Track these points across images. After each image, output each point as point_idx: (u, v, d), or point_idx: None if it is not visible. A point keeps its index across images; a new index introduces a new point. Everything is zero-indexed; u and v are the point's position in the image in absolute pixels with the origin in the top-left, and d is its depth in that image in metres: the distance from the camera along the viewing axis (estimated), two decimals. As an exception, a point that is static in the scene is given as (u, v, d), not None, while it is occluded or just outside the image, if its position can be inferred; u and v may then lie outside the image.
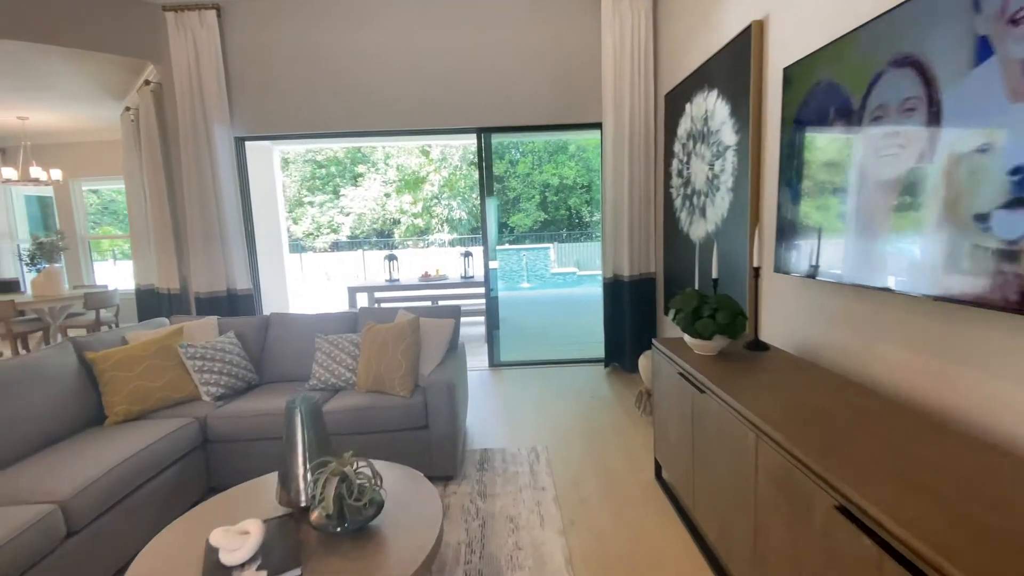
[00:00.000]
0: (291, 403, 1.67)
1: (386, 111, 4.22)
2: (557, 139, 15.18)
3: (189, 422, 2.46)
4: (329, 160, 16.84)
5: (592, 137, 12.74)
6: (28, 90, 4.64)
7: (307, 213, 16.88)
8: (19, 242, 6.96)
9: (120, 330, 2.85)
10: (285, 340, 3.08)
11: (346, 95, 4.20)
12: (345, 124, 4.24)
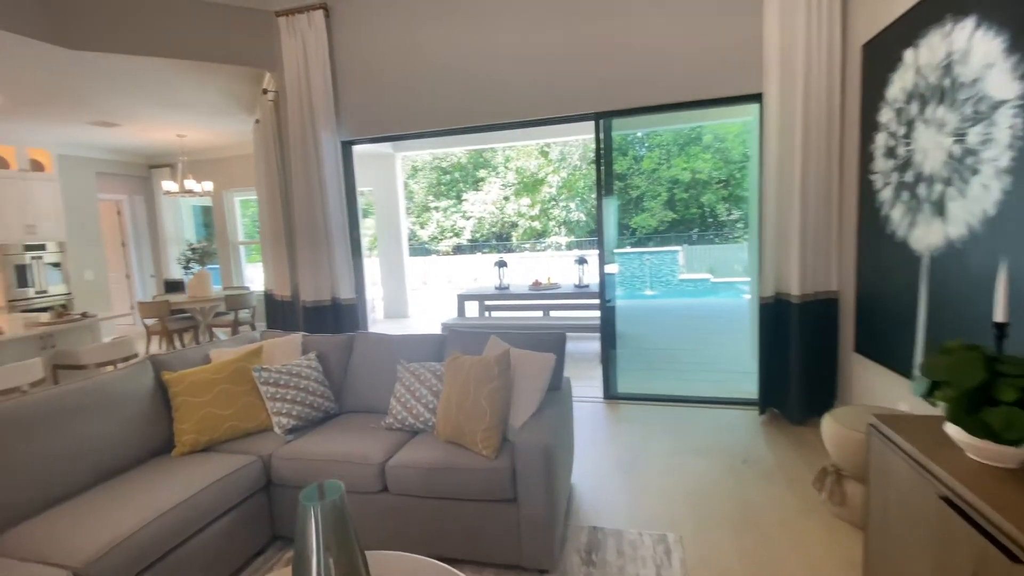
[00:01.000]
0: (305, 500, 1.15)
1: (496, 102, 3.72)
2: (691, 129, 13.66)
3: (252, 461, 2.16)
4: (453, 166, 17.30)
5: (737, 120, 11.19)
6: (175, 107, 5.04)
7: (433, 218, 17.55)
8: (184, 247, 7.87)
9: (205, 346, 2.71)
10: (368, 364, 2.70)
11: (455, 88, 3.79)
12: (455, 119, 3.84)
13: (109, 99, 4.61)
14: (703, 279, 10.89)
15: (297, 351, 2.77)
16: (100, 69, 3.83)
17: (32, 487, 1.77)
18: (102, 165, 6.93)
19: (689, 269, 11.74)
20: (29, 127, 5.39)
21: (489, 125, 3.84)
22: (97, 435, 2.02)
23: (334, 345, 2.81)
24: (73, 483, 1.89)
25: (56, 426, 1.91)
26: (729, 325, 6.73)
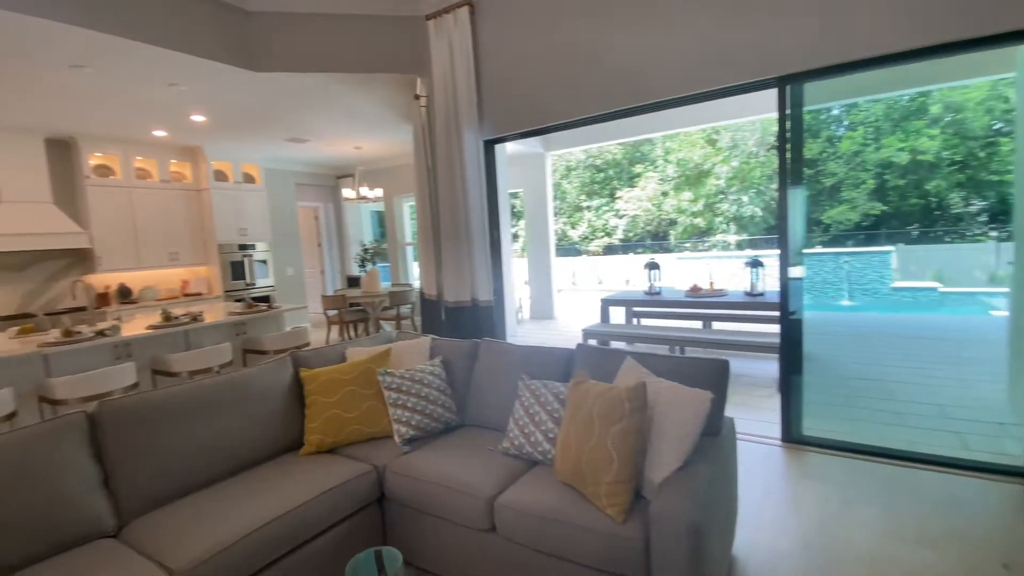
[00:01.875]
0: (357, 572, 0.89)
1: (652, 78, 3.20)
2: (910, 98, 10.90)
3: (366, 471, 2.07)
4: (607, 163, 16.71)
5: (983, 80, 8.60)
6: (348, 121, 5.56)
7: (584, 217, 17.21)
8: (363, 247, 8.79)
9: (344, 344, 2.76)
10: (492, 375, 2.47)
11: (604, 69, 3.37)
12: (605, 103, 3.41)
13: (297, 117, 5.27)
14: (928, 288, 8.45)
15: (424, 355, 2.67)
16: (283, 89, 4.34)
17: (173, 474, 1.90)
18: (299, 177, 8.13)
19: (906, 275, 9.25)
20: (241, 145, 6.51)
21: (645, 106, 3.32)
22: (236, 428, 2.13)
23: (460, 351, 2.64)
24: (208, 473, 1.99)
25: (203, 416, 2.04)
26: (971, 352, 5.02)
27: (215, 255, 6.54)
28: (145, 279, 6.24)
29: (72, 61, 3.44)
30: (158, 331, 3.75)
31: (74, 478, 1.68)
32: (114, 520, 1.74)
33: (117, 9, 3.15)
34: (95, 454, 1.78)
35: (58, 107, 4.43)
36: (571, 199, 17.40)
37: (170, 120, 5.09)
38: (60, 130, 5.22)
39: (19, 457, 1.59)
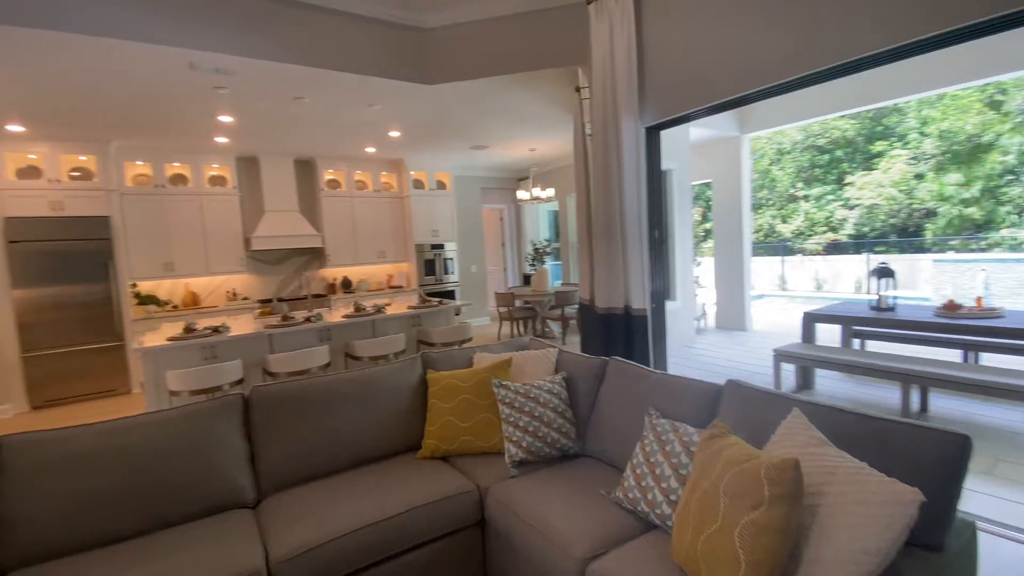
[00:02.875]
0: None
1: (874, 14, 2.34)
2: None
3: (468, 490, 1.95)
4: (834, 142, 13.73)
5: None
6: (519, 124, 5.62)
7: (799, 209, 14.51)
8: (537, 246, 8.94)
9: (474, 348, 2.71)
10: (618, 402, 2.10)
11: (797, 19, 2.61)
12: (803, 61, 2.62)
13: (474, 124, 5.55)
14: None
15: (549, 368, 2.45)
16: (456, 99, 4.57)
17: (303, 459, 2.07)
18: (485, 181, 8.67)
19: None
20: (434, 156, 7.19)
21: (861, 60, 2.44)
22: (363, 422, 2.23)
23: (586, 369, 2.33)
24: (332, 463, 2.13)
25: (334, 408, 2.20)
26: None
27: (413, 253, 7.42)
28: (361, 273, 7.44)
29: (295, 94, 4.19)
30: (350, 319, 4.33)
31: (228, 452, 1.95)
32: (254, 494, 1.98)
33: (322, 46, 3.70)
34: (246, 432, 2.05)
35: (298, 134, 5.52)
36: (782, 188, 14.88)
37: (375, 138, 5.90)
38: (304, 152, 6.54)
39: (190, 428, 1.91)
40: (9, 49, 3.04)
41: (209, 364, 3.64)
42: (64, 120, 4.48)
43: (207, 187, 6.13)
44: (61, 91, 3.78)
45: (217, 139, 5.51)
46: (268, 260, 6.73)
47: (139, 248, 5.74)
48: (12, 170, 4.92)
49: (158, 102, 4.17)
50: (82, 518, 1.66)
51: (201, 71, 3.53)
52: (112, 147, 5.38)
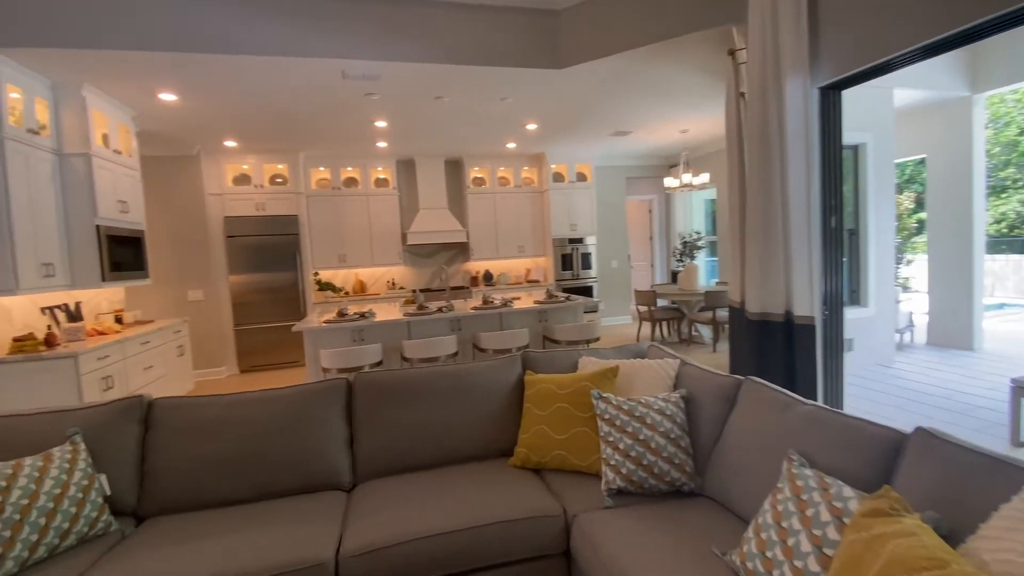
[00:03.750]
0: None
1: None
2: None
3: (554, 514, 1.71)
4: None
5: None
6: (667, 101, 5.05)
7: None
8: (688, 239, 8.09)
9: (577, 351, 2.43)
10: (752, 434, 1.64)
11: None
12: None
13: (613, 108, 5.17)
14: None
15: (666, 383, 2.06)
16: (590, 81, 4.27)
17: (396, 450, 2.06)
18: (630, 171, 8.13)
19: None
20: (575, 147, 6.94)
21: None
22: (457, 419, 2.14)
23: (713, 389, 1.89)
24: (422, 457, 2.08)
25: (430, 402, 2.15)
26: None
27: (550, 248, 7.32)
28: (502, 267, 7.61)
29: (435, 94, 4.36)
30: (478, 312, 4.39)
31: (330, 434, 2.03)
32: (350, 478, 2.03)
33: (455, 41, 3.75)
34: (347, 417, 2.11)
35: (444, 134, 5.80)
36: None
37: (513, 132, 5.90)
38: (453, 152, 6.88)
39: (298, 408, 2.03)
40: (223, 78, 3.69)
41: (357, 346, 3.99)
42: (265, 135, 5.39)
43: (373, 188, 6.86)
44: (260, 111, 4.52)
45: (378, 144, 6.09)
46: (421, 253, 7.28)
47: (320, 242, 6.67)
48: (230, 178, 6.12)
49: (327, 114, 4.73)
50: (204, 479, 1.86)
51: (352, 79, 3.86)
52: (301, 156, 6.33)
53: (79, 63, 3.31)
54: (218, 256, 6.02)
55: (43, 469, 1.58)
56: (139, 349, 4.12)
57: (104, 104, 3.95)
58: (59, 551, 1.55)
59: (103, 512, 1.68)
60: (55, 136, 3.63)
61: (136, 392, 3.86)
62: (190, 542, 1.59)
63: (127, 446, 1.86)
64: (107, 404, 1.90)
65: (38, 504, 1.51)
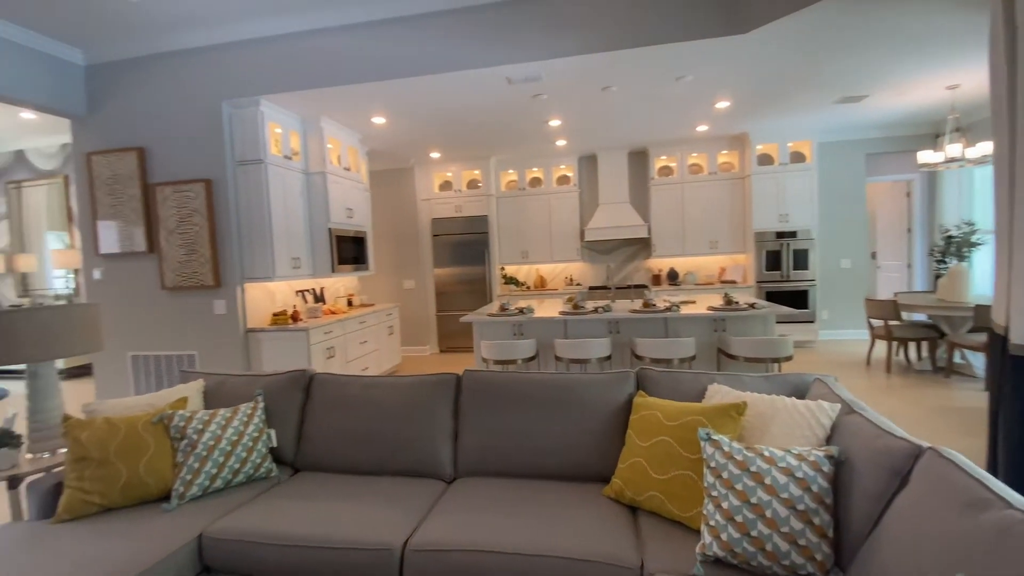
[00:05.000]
0: None
1: None
2: None
3: (624, 567, 1.47)
4: None
5: None
6: (904, 52, 3.77)
7: None
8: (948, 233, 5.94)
9: (710, 376, 2.00)
10: (921, 531, 1.08)
11: None
12: None
13: (832, 69, 4.11)
14: None
15: (814, 432, 1.54)
16: (786, 43, 3.47)
17: (493, 451, 2.05)
18: (872, 145, 6.37)
19: None
20: (786, 123, 5.76)
21: None
22: (557, 432, 2.02)
23: (878, 454, 1.32)
24: (516, 465, 2.02)
25: (531, 409, 2.07)
26: None
27: (751, 243, 6.32)
28: (689, 264, 6.92)
29: (601, 85, 4.17)
30: (638, 315, 4.07)
31: (437, 425, 2.14)
32: (451, 471, 2.11)
33: (615, 25, 3.51)
34: (454, 411, 2.20)
35: (621, 125, 5.53)
36: None
37: (702, 114, 5.24)
38: (636, 142, 6.51)
39: (416, 397, 2.19)
40: (410, 98, 4.26)
41: (512, 340, 4.15)
42: (459, 145, 6.01)
43: (554, 187, 7.01)
44: (448, 124, 5.07)
45: (558, 143, 6.17)
46: (600, 250, 7.14)
47: (506, 239, 7.15)
48: (436, 185, 7.02)
49: (503, 119, 5.00)
50: (340, 447, 2.17)
51: (516, 83, 3.98)
52: (492, 161, 6.87)
53: (317, 100, 4.21)
54: (426, 252, 7.00)
55: (229, 419, 2.07)
56: (357, 327, 5.09)
57: (337, 131, 4.96)
58: (232, 485, 2.02)
59: (267, 460, 2.12)
60: (304, 159, 4.73)
61: (351, 361, 4.77)
62: (315, 499, 1.88)
63: (292, 409, 2.30)
64: (283, 373, 2.38)
65: (220, 446, 1.99)
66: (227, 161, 4.13)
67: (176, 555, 1.64)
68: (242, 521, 1.75)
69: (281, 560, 1.65)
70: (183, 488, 1.89)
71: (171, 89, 4.15)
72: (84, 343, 2.23)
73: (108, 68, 4.25)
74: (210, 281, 4.15)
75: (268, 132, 4.19)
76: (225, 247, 4.15)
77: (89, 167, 4.31)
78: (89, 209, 4.35)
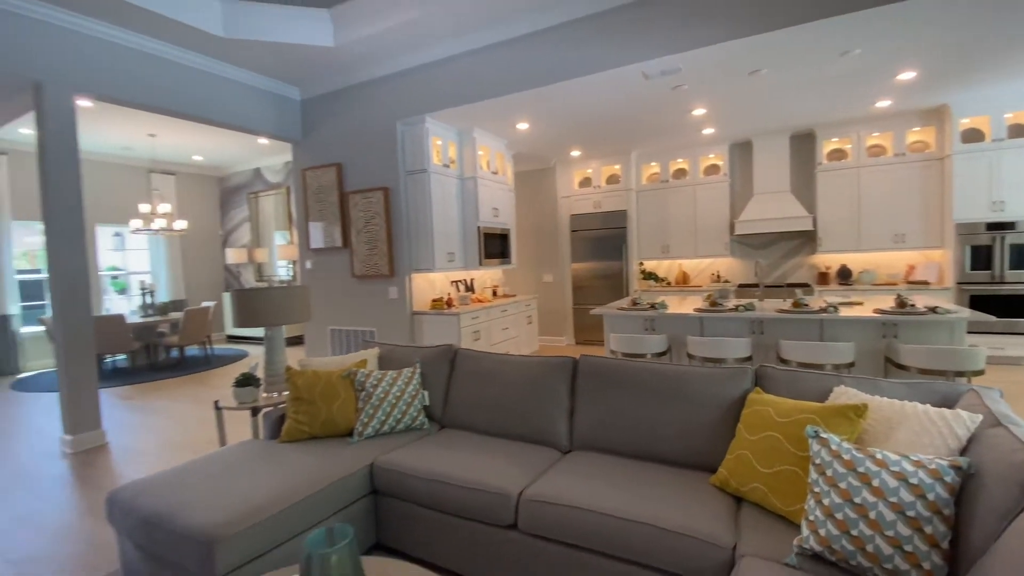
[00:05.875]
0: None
1: None
2: None
3: (716, 545, 1.55)
4: None
5: None
6: None
7: None
8: None
9: (848, 378, 1.88)
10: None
11: None
12: None
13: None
14: None
15: (945, 443, 1.41)
16: None
17: (604, 429, 2.23)
18: None
19: None
20: (1004, 90, 4.64)
21: None
22: (666, 420, 2.12)
23: (1011, 469, 1.20)
24: (624, 446, 2.17)
25: (642, 397, 2.20)
26: None
27: (951, 237, 5.28)
28: (865, 261, 6.04)
29: (748, 69, 3.95)
30: (786, 315, 3.80)
31: (556, 401, 2.40)
32: (567, 443, 2.35)
33: (758, 4, 3.33)
34: (571, 390, 2.43)
35: (779, 108, 5.08)
36: None
37: (880, 88, 4.56)
38: (800, 125, 5.88)
39: (538, 374, 2.48)
40: (549, 103, 4.57)
41: (641, 334, 4.21)
42: (598, 142, 6.16)
43: (701, 177, 6.70)
44: (585, 124, 5.26)
45: (705, 131, 5.91)
46: (753, 244, 6.62)
47: (645, 233, 7.07)
48: (576, 182, 7.25)
49: (642, 114, 5.01)
50: (475, 410, 2.57)
51: (652, 78, 4.00)
52: (632, 155, 6.86)
53: (470, 113, 4.77)
54: (564, 247, 7.30)
55: (395, 379, 2.61)
56: (499, 315, 5.61)
57: (487, 139, 5.51)
58: (395, 431, 2.54)
59: (421, 415, 2.61)
60: (459, 166, 5.37)
61: (494, 344, 5.30)
62: (454, 449, 2.29)
63: (441, 377, 2.78)
64: (436, 347, 2.88)
65: (387, 398, 2.53)
66: (400, 171, 4.93)
67: (355, 475, 2.18)
68: (401, 458, 2.23)
69: (426, 491, 2.08)
70: (361, 428, 2.46)
71: (359, 114, 5.10)
72: (300, 314, 3.00)
73: (316, 101, 5.39)
74: (386, 271, 5.02)
75: (431, 145, 4.88)
76: (398, 243, 4.97)
77: (303, 180, 5.53)
78: (303, 213, 5.58)
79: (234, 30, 4.12)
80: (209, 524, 1.70)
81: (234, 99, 4.82)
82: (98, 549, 2.41)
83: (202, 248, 9.13)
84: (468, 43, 4.35)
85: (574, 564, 1.78)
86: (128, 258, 8.41)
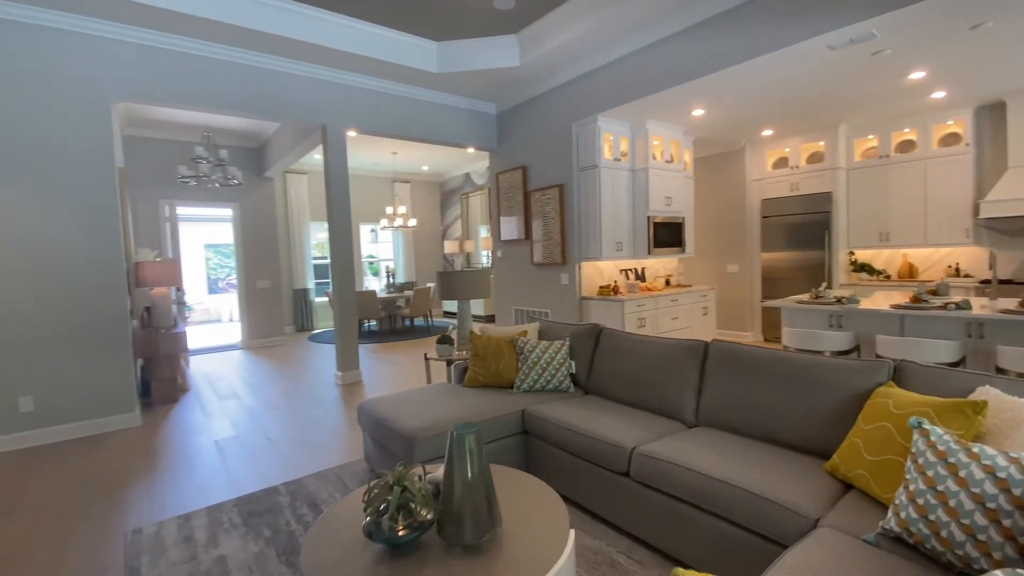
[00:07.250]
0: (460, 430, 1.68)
1: None
2: None
3: (799, 514, 1.68)
4: None
5: None
6: None
7: None
8: None
9: (993, 378, 1.69)
10: None
11: None
12: None
13: None
14: None
15: (1088, 453, 1.28)
16: None
17: (727, 410, 2.40)
18: None
19: None
20: None
21: None
22: (784, 404, 2.19)
23: None
24: (743, 425, 2.31)
25: (767, 382, 2.29)
26: None
27: None
28: None
29: (967, 24, 3.28)
30: (1012, 316, 3.13)
31: (685, 380, 2.64)
32: (693, 418, 2.57)
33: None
34: (700, 371, 2.62)
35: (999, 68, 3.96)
36: None
37: None
38: None
39: (670, 355, 2.74)
40: (729, 87, 4.50)
41: (821, 330, 3.92)
42: (793, 120, 5.64)
43: (934, 149, 5.54)
44: (773, 103, 4.95)
45: (933, 95, 4.90)
46: (1007, 230, 5.20)
47: (857, 218, 6.16)
48: (770, 163, 6.69)
49: (840, 86, 4.49)
50: (614, 380, 2.96)
51: (841, 48, 3.64)
52: (841, 129, 6.03)
53: (642, 107, 5.00)
54: (753, 235, 6.85)
55: (546, 348, 3.17)
56: (668, 304, 5.72)
57: (661, 129, 5.63)
58: (545, 390, 3.11)
59: (567, 380, 3.13)
60: (631, 159, 5.63)
61: (661, 333, 5.48)
62: (589, 409, 2.74)
63: (587, 350, 3.23)
64: (584, 324, 3.34)
65: (540, 363, 3.11)
66: (573, 169, 5.46)
67: (512, 415, 2.81)
68: (546, 410, 2.78)
69: (560, 437, 2.59)
70: (519, 383, 3.10)
71: (540, 121, 5.79)
72: (480, 291, 3.84)
73: (507, 113, 6.27)
74: (559, 260, 5.64)
75: (603, 141, 5.28)
76: (569, 234, 5.54)
77: (497, 182, 6.51)
78: (496, 210, 6.58)
79: (446, 65, 5.19)
80: (414, 428, 2.52)
81: (447, 120, 6.01)
82: (353, 442, 3.61)
83: (427, 241, 11.25)
84: (635, 42, 4.59)
85: (674, 512, 2.07)
86: (379, 248, 10.99)
